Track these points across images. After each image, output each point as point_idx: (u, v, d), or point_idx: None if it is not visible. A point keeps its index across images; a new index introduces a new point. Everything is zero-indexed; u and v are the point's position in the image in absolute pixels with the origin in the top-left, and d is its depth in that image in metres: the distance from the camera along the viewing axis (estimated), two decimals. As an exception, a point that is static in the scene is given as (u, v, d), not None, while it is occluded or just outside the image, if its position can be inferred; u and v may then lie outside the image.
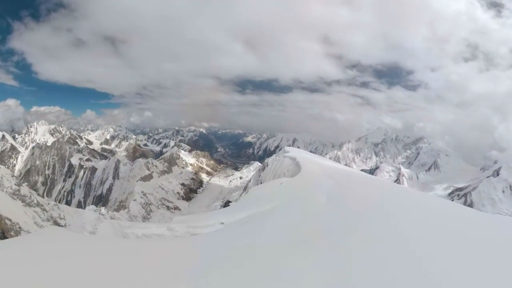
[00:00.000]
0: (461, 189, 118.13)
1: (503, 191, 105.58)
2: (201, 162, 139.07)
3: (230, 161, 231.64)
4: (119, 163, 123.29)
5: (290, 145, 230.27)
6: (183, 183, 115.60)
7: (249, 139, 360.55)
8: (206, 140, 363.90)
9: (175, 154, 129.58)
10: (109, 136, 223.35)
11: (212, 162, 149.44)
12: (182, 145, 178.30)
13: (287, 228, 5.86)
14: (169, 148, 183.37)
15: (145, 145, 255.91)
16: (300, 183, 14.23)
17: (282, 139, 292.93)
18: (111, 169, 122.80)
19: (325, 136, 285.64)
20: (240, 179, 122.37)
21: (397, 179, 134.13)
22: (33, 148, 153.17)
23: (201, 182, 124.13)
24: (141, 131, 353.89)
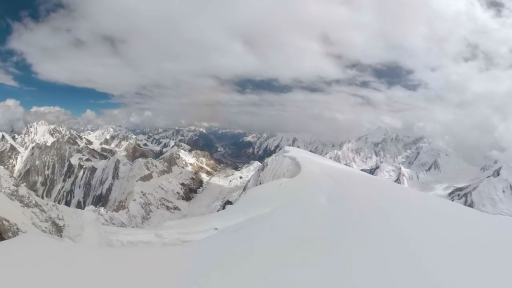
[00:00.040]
0: (461, 189, 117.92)
1: (504, 191, 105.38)
2: (201, 161, 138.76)
3: (230, 161, 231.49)
4: (119, 163, 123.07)
5: (290, 145, 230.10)
6: (183, 183, 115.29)
7: (249, 138, 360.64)
8: (206, 139, 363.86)
9: (175, 154, 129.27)
10: (109, 136, 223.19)
11: (212, 161, 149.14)
12: (182, 144, 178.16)
13: (285, 235, 5.54)
14: (169, 148, 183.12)
15: (145, 145, 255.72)
16: (300, 184, 13.96)
17: (282, 139, 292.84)
18: (111, 169, 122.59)
19: (325, 135, 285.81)
20: (240, 178, 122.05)
21: (397, 179, 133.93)
22: (32, 148, 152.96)
23: (201, 182, 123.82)
24: (141, 131, 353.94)
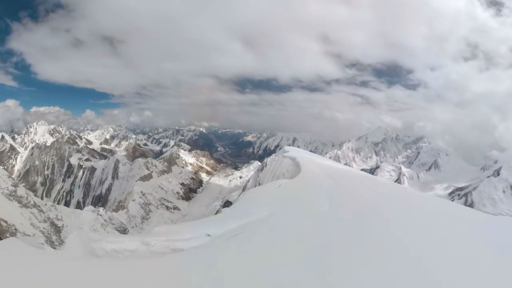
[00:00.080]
0: (461, 189, 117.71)
1: (504, 191, 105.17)
2: (201, 161, 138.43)
3: (230, 161, 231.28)
4: (118, 163, 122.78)
5: (290, 144, 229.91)
6: (183, 182, 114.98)
7: (249, 138, 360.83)
8: (206, 139, 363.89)
9: (174, 153, 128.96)
10: (108, 136, 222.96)
11: (212, 161, 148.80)
12: (182, 144, 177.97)
13: (283, 242, 5.27)
14: (169, 147, 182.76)
15: (145, 144, 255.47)
16: (300, 186, 13.69)
17: (282, 138, 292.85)
18: (110, 169, 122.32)
19: (325, 135, 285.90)
20: (240, 178, 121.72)
21: (397, 179, 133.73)
22: (32, 148, 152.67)
23: (200, 181, 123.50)
24: (141, 130, 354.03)
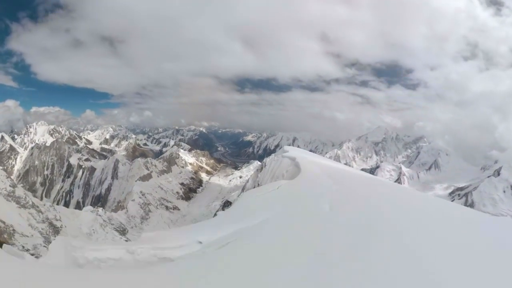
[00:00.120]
0: (462, 189, 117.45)
1: (504, 191, 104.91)
2: (200, 161, 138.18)
3: (230, 160, 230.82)
4: (118, 163, 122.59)
5: (290, 144, 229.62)
6: (183, 182, 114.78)
7: (249, 138, 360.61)
8: (206, 139, 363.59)
9: (174, 153, 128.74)
10: (108, 135, 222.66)
11: (212, 161, 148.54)
12: (182, 144, 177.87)
13: (281, 250, 5.03)
14: (169, 147, 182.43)
15: (145, 144, 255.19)
16: (299, 187, 13.45)
17: (282, 138, 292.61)
18: (110, 169, 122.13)
19: (325, 135, 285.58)
20: (240, 178, 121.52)
21: (398, 179, 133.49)
22: (32, 148, 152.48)
23: (200, 181, 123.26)
24: (141, 130, 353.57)
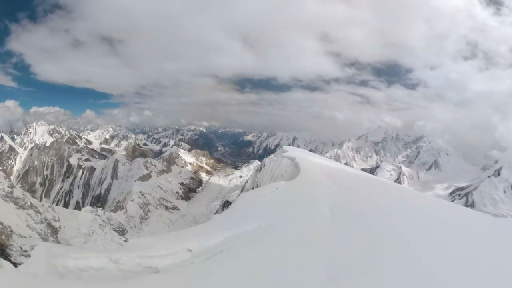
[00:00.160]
0: (462, 189, 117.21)
1: (505, 191, 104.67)
2: (200, 161, 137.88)
3: (230, 160, 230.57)
4: (118, 163, 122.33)
5: (290, 144, 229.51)
6: (182, 182, 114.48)
7: (249, 137, 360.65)
8: (206, 139, 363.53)
9: (174, 153, 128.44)
10: (108, 135, 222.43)
11: (211, 161, 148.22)
12: (182, 144, 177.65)
13: (275, 260, 4.79)
14: (169, 147, 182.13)
15: (145, 144, 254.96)
16: (298, 189, 13.25)
17: (282, 138, 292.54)
18: (110, 169, 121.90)
19: (325, 134, 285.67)
20: (240, 178, 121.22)
21: (397, 178, 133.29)
22: (31, 148, 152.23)
23: (200, 181, 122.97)
24: (140, 130, 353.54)
